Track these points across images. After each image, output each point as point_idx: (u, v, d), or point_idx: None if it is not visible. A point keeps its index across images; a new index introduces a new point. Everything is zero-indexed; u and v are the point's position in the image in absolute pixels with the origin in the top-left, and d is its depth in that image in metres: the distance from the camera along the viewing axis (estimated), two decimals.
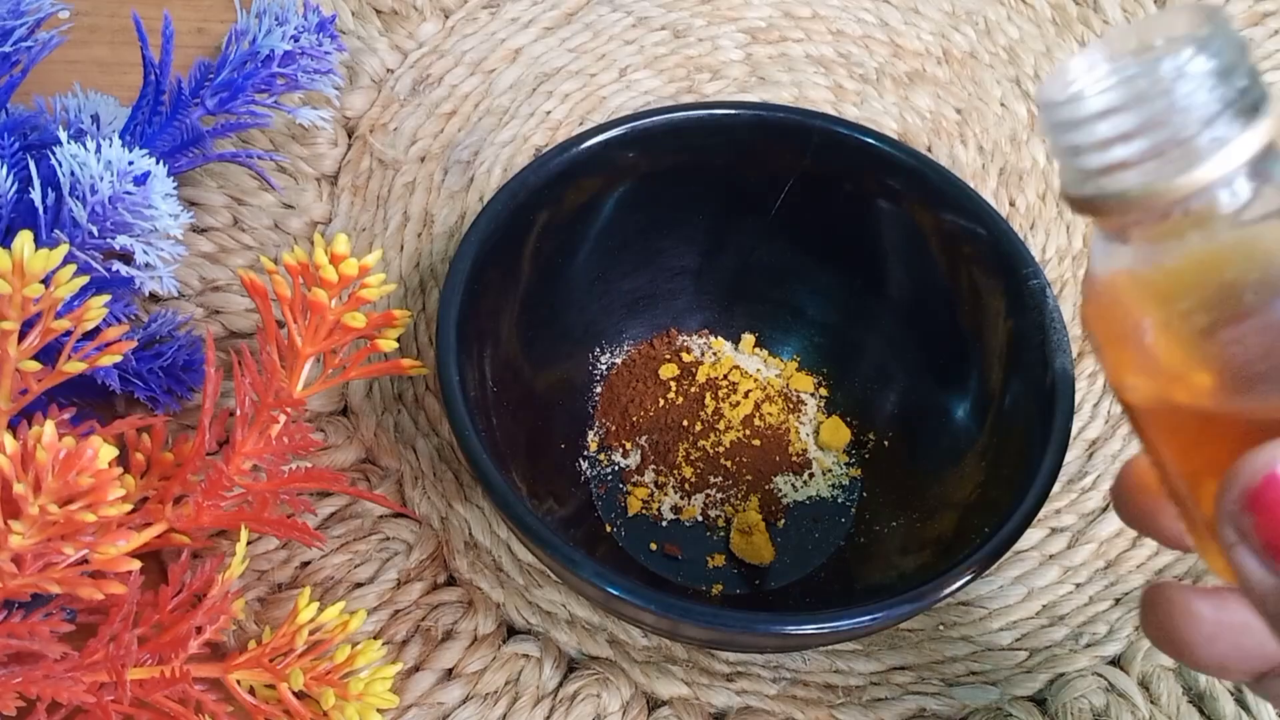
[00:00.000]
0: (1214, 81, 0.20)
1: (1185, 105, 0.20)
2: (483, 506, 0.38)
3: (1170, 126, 0.20)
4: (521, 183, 0.35)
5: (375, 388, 0.40)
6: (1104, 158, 0.21)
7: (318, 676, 0.32)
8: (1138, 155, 0.20)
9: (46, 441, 0.27)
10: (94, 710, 0.30)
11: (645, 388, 0.40)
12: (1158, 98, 0.20)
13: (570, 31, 0.49)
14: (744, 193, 0.38)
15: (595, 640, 0.36)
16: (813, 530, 0.38)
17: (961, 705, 0.35)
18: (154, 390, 0.37)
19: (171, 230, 0.34)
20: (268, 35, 0.38)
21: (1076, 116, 0.21)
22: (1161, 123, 0.20)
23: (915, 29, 0.50)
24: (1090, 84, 0.20)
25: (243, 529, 0.32)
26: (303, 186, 0.44)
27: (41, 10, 0.37)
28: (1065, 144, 0.21)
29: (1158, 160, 0.20)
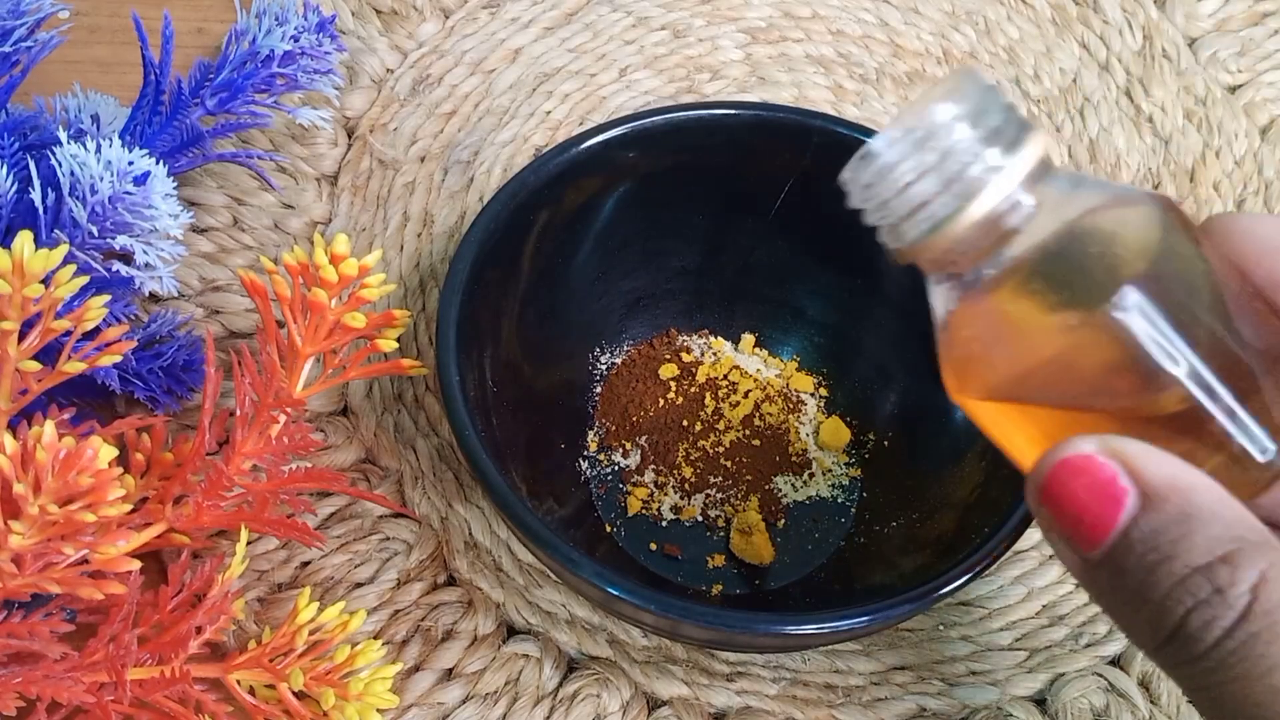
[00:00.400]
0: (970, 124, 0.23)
1: (954, 146, 0.23)
2: (483, 506, 0.38)
3: (948, 164, 0.23)
4: (521, 183, 0.35)
5: (375, 388, 0.40)
6: (905, 202, 0.24)
7: (318, 676, 0.32)
8: (930, 192, 0.24)
9: (46, 441, 0.27)
10: (94, 710, 0.30)
11: (645, 388, 0.40)
12: (933, 143, 0.23)
13: (570, 31, 0.49)
14: (744, 193, 0.38)
15: (595, 640, 0.36)
16: (813, 530, 0.38)
17: (961, 705, 0.35)
18: (154, 390, 0.37)
19: (171, 230, 0.34)
20: (268, 35, 0.38)
21: (877, 174, 0.24)
22: (940, 162, 0.23)
23: (915, 29, 0.50)
24: (883, 148, 0.24)
25: (243, 529, 0.32)
26: (303, 186, 0.44)
27: (41, 10, 0.37)
28: (874, 202, 0.24)
29: (947, 195, 0.23)
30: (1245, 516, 0.22)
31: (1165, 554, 0.22)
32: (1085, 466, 0.23)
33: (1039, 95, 0.48)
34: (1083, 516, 0.23)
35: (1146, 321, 0.23)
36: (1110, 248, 0.24)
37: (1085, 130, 0.48)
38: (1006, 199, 0.23)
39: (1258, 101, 0.48)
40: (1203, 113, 0.48)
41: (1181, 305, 0.23)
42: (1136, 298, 0.22)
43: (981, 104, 0.24)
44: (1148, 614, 0.22)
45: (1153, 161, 0.47)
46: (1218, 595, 0.21)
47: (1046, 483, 0.23)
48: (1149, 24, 0.50)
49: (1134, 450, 0.23)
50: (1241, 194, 0.46)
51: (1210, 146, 0.47)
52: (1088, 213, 0.24)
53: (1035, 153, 0.24)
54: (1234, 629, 0.21)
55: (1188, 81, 0.49)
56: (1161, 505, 0.22)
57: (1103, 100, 0.48)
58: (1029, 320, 0.24)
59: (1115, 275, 0.23)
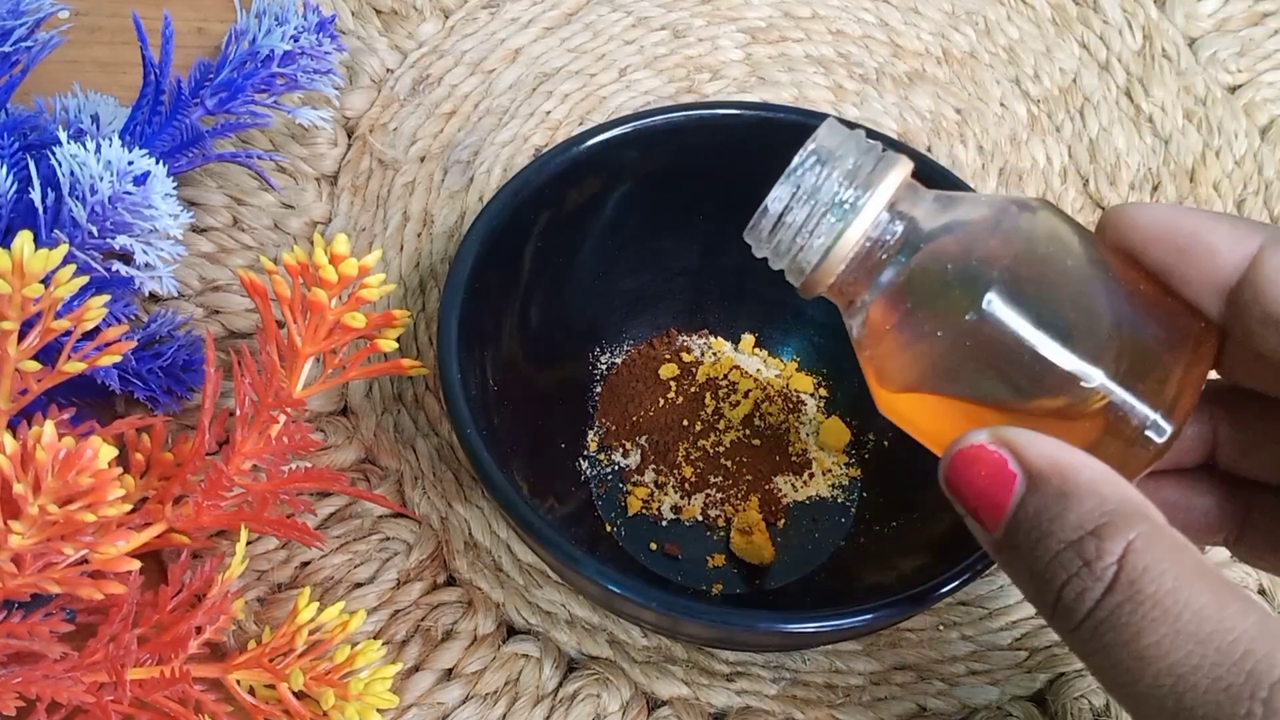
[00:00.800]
0: (830, 168, 0.27)
1: (819, 192, 0.27)
2: (483, 506, 0.38)
3: (815, 209, 0.27)
4: (522, 182, 0.35)
5: (375, 388, 0.40)
6: (789, 246, 0.27)
7: (318, 676, 0.32)
8: (805, 236, 0.27)
9: (46, 441, 0.27)
10: (94, 710, 0.30)
11: (645, 388, 0.40)
12: (800, 192, 0.27)
13: (570, 31, 0.49)
14: (744, 193, 0.38)
15: (595, 640, 0.36)
16: (813, 530, 0.38)
17: (961, 705, 0.35)
18: (154, 390, 0.37)
19: (171, 230, 0.34)
20: (268, 35, 0.38)
21: (767, 220, 0.28)
22: (810, 208, 0.27)
23: (915, 29, 0.50)
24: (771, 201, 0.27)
25: (243, 529, 0.32)
26: (303, 186, 0.44)
27: (41, 10, 0.37)
28: (772, 246, 0.28)
29: (818, 237, 0.27)
30: (1120, 490, 0.23)
31: (1044, 531, 0.23)
32: (978, 455, 0.25)
33: (1039, 95, 0.48)
34: (980, 500, 0.25)
35: (1007, 324, 0.25)
36: (971, 259, 0.26)
37: (1085, 130, 0.48)
38: (872, 230, 0.26)
39: (1258, 101, 0.48)
40: (1203, 113, 0.48)
41: (1049, 301, 0.25)
42: (996, 304, 0.25)
43: (839, 148, 0.27)
44: (1035, 588, 0.24)
45: (1153, 161, 0.47)
46: (1086, 568, 0.22)
47: (949, 472, 0.25)
48: (1149, 24, 0.50)
49: (1019, 437, 0.24)
50: (1241, 194, 0.46)
51: (1210, 146, 0.47)
52: (953, 228, 0.26)
53: (893, 184, 0.26)
54: (1102, 600, 0.22)
55: (1188, 81, 0.49)
56: (1044, 485, 0.24)
57: (1103, 100, 0.48)
58: (913, 334, 0.26)
59: (976, 285, 0.25)
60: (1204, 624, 0.21)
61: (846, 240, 0.26)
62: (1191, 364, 0.26)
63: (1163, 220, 0.26)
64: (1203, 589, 0.22)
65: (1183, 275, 0.26)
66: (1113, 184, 0.46)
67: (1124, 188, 0.46)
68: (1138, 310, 0.26)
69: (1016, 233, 0.26)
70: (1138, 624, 0.22)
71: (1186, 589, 0.22)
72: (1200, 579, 0.22)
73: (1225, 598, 0.21)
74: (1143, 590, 0.22)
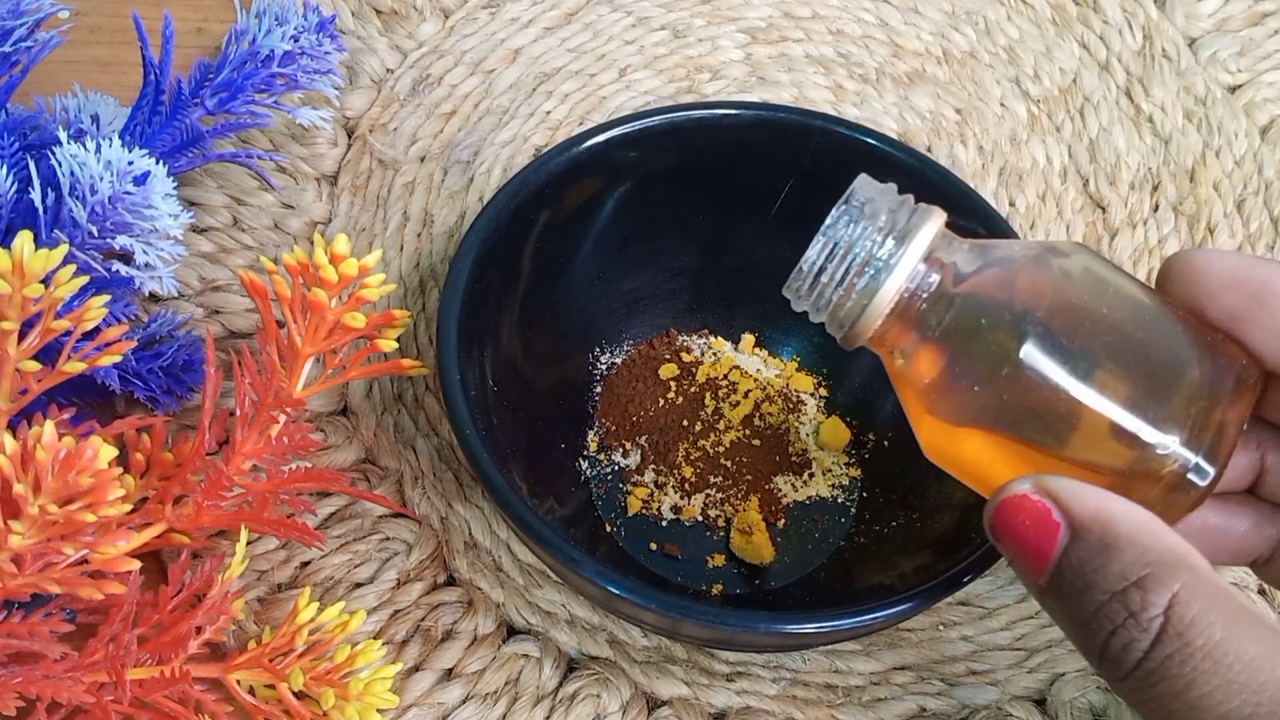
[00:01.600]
0: (865, 224, 0.27)
1: (855, 248, 0.27)
2: (483, 506, 0.38)
3: (854, 255, 0.27)
4: (522, 183, 0.35)
5: (375, 388, 0.40)
6: (829, 301, 0.28)
7: (318, 676, 0.32)
8: (844, 290, 0.27)
9: (46, 441, 0.27)
10: (94, 710, 0.30)
11: (645, 388, 0.40)
12: (838, 239, 0.27)
13: (570, 31, 0.49)
14: (744, 193, 0.38)
15: (595, 640, 0.36)
16: (813, 530, 0.38)
17: (961, 705, 0.35)
18: (154, 390, 0.37)
19: (171, 230, 0.34)
20: (268, 35, 0.38)
21: (805, 277, 0.28)
22: (848, 255, 0.27)
23: (915, 29, 0.50)
24: (807, 258, 0.28)
25: (243, 529, 0.32)
26: (303, 186, 0.44)
27: (41, 10, 0.37)
28: (811, 301, 0.28)
29: (857, 292, 0.27)
30: (1163, 540, 0.23)
31: (1089, 582, 0.24)
32: (1022, 504, 0.25)
33: (1039, 95, 0.48)
34: (1025, 549, 0.25)
35: (1043, 375, 0.25)
36: (1006, 311, 0.26)
37: (1085, 130, 0.48)
38: (909, 283, 0.27)
39: (1258, 101, 0.48)
40: (1203, 113, 0.48)
41: (1084, 350, 0.25)
42: (1031, 355, 0.25)
43: (873, 202, 0.27)
44: (1082, 637, 0.24)
45: (1153, 161, 0.47)
46: (1132, 619, 0.23)
47: (994, 521, 0.26)
48: (1149, 24, 0.50)
49: (1062, 487, 0.25)
50: (1241, 194, 0.46)
51: (1210, 146, 0.47)
52: (988, 278, 0.27)
53: (928, 236, 0.27)
54: (1151, 651, 0.23)
55: (1188, 81, 0.49)
56: (1086, 536, 0.24)
57: (1103, 100, 0.48)
58: (952, 385, 0.27)
59: (1010, 338, 0.26)
60: (1256, 674, 0.22)
61: (884, 294, 0.27)
62: (1232, 404, 0.26)
63: (1234, 268, 0.27)
64: (1251, 638, 0.22)
65: (1254, 321, 0.26)
66: (1113, 184, 0.46)
67: (1124, 188, 0.46)
68: (1177, 352, 0.26)
69: (1050, 280, 0.26)
70: (1189, 675, 0.22)
71: (1235, 639, 0.22)
72: (1247, 627, 0.22)
73: (1274, 645, 0.22)
74: (1191, 642, 0.22)
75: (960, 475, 0.29)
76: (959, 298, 0.27)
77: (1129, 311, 0.26)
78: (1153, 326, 0.26)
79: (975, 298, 0.26)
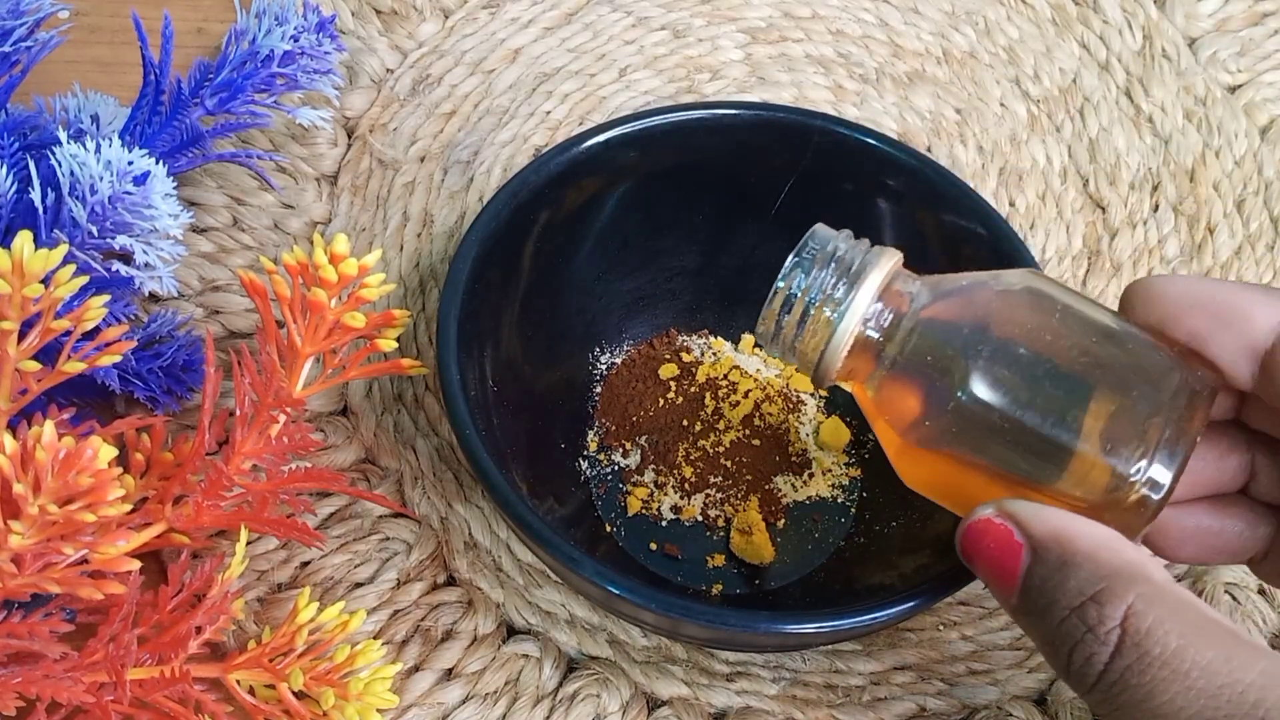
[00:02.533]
0: (818, 267, 0.28)
1: (811, 284, 0.28)
2: (483, 506, 0.38)
3: (811, 299, 0.28)
4: (522, 183, 0.35)
5: (375, 388, 0.40)
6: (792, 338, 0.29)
7: (317, 676, 0.32)
8: (804, 324, 0.29)
9: (46, 441, 0.27)
10: (94, 710, 0.30)
11: (645, 388, 0.40)
12: (794, 286, 0.29)
13: (570, 31, 0.49)
14: (744, 193, 0.38)
15: (595, 640, 0.36)
16: (813, 530, 0.38)
17: (961, 705, 0.35)
18: (154, 390, 0.37)
19: (171, 230, 0.34)
20: (267, 35, 0.38)
21: (767, 327, 0.29)
22: (806, 300, 0.28)
23: (915, 29, 0.50)
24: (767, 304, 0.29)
25: (243, 529, 0.32)
26: (302, 186, 0.44)
27: (41, 10, 0.37)
28: (778, 345, 0.30)
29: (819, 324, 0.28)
30: (1121, 555, 0.24)
31: (1051, 599, 0.25)
32: (987, 528, 0.26)
33: (1039, 95, 0.48)
34: (994, 570, 0.26)
35: (989, 406, 0.26)
36: (949, 346, 0.27)
37: (1085, 130, 0.48)
38: (865, 323, 0.28)
39: (1258, 101, 0.48)
40: (1203, 113, 0.48)
41: (1029, 378, 0.26)
42: (975, 388, 0.26)
43: (826, 248, 0.29)
44: (1049, 652, 0.25)
45: (1153, 161, 0.47)
46: (1090, 634, 0.23)
47: (963, 545, 0.27)
48: (1149, 24, 0.50)
49: (1022, 509, 0.26)
50: (1241, 194, 0.46)
51: (1210, 146, 0.47)
52: (938, 313, 0.28)
53: (880, 275, 0.28)
54: (1111, 662, 0.23)
55: (1188, 81, 0.49)
56: (1046, 555, 0.25)
57: (1103, 100, 0.48)
58: (912, 417, 0.28)
59: (954, 372, 0.27)
60: (1213, 678, 0.22)
61: (841, 334, 0.28)
62: (1189, 416, 0.26)
63: (1196, 290, 0.27)
64: (1208, 644, 0.22)
65: (1218, 341, 0.27)
66: (1113, 184, 0.46)
67: (1124, 188, 0.46)
68: (1130, 369, 0.27)
69: (997, 310, 0.27)
70: (1149, 684, 0.23)
71: (1192, 646, 0.22)
72: (1205, 634, 0.23)
73: (1231, 649, 0.22)
74: (1149, 652, 0.23)
75: (940, 501, 0.30)
76: (913, 332, 0.28)
77: (1078, 335, 0.27)
78: (1103, 347, 0.27)
79: (927, 332, 0.28)
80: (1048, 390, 0.26)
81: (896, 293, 0.29)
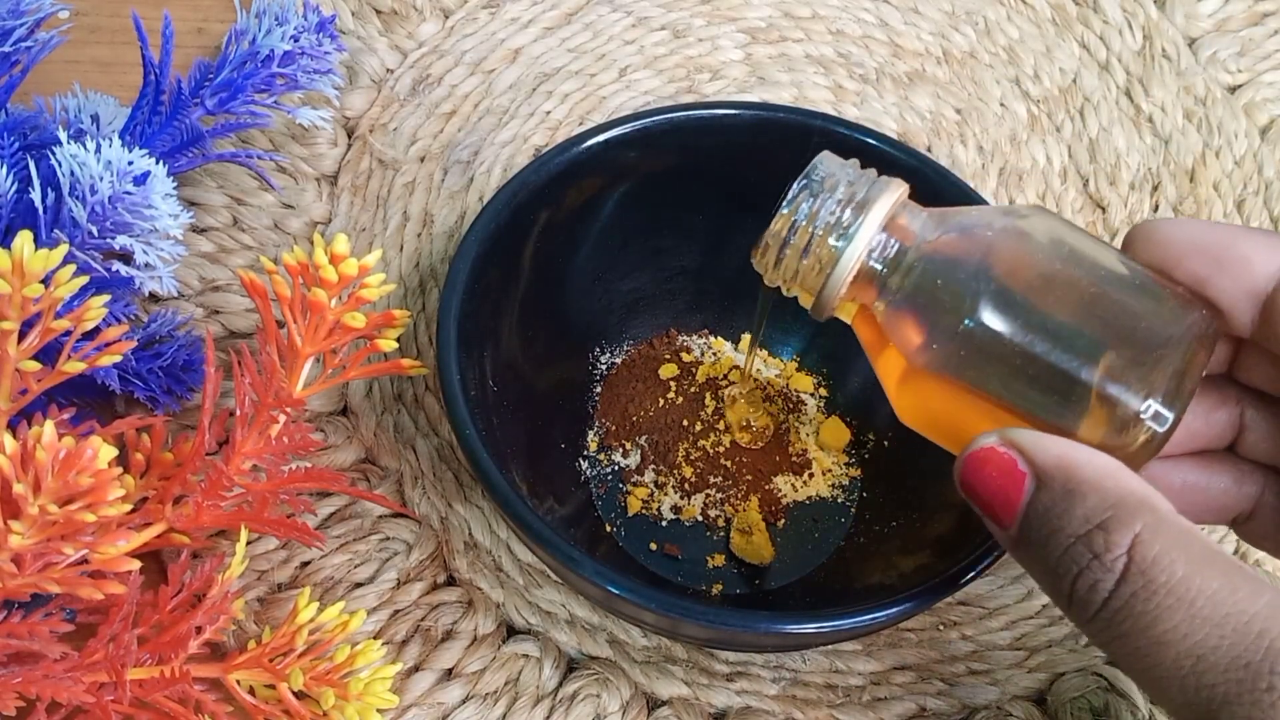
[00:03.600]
0: (822, 193, 0.28)
1: (816, 212, 0.28)
2: (483, 506, 0.38)
3: (815, 227, 0.28)
4: (521, 183, 0.35)
5: (375, 388, 0.40)
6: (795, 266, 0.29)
7: (318, 676, 0.32)
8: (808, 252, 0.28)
9: (46, 441, 0.27)
10: (94, 710, 0.30)
11: (645, 388, 0.40)
12: (799, 213, 0.28)
13: (570, 31, 0.49)
14: (744, 193, 0.38)
15: (595, 640, 0.36)
16: (813, 530, 0.38)
17: (961, 705, 0.35)
18: (154, 390, 0.37)
19: (171, 230, 0.34)
20: (267, 35, 0.38)
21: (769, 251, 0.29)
22: (810, 227, 0.28)
23: (915, 29, 0.50)
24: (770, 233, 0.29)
25: (243, 529, 0.32)
26: (303, 186, 0.44)
27: (41, 10, 0.37)
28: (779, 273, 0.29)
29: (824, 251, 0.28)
30: (1125, 484, 0.24)
31: (1054, 527, 0.24)
32: (989, 456, 0.26)
33: (1039, 95, 0.48)
34: (994, 499, 0.26)
35: (999, 332, 0.26)
36: (961, 272, 0.27)
37: (1085, 130, 0.48)
38: (870, 251, 0.28)
39: (1258, 101, 0.48)
40: (1203, 113, 0.48)
41: (1040, 306, 0.26)
42: (986, 314, 0.26)
43: (832, 176, 0.28)
44: (1051, 581, 0.25)
45: (1153, 161, 0.47)
46: (1096, 561, 0.23)
47: (963, 474, 0.26)
48: (1149, 24, 0.50)
49: (1025, 438, 0.26)
50: (1241, 194, 0.46)
51: (1210, 146, 0.47)
52: (947, 242, 0.28)
53: (886, 205, 0.28)
54: (1116, 590, 0.23)
55: (1188, 81, 0.49)
56: (1050, 483, 0.25)
57: (1103, 100, 0.48)
58: (917, 346, 0.27)
59: (966, 297, 0.26)
60: (1218, 607, 0.22)
61: (845, 262, 0.28)
62: (1192, 353, 0.26)
63: (1198, 234, 0.27)
64: (1214, 574, 0.22)
65: (1219, 285, 0.27)
66: (1113, 184, 0.46)
67: (1124, 188, 0.46)
68: (1136, 304, 0.27)
69: (1008, 241, 0.27)
70: (1154, 611, 0.22)
71: (1198, 575, 0.22)
72: (1210, 564, 0.23)
73: (1236, 580, 0.22)
74: (1155, 580, 0.23)
75: (934, 437, 0.29)
76: (920, 262, 0.27)
77: (1086, 268, 0.27)
78: (1112, 282, 0.27)
79: (935, 261, 0.27)
80: (1057, 320, 0.26)
81: (902, 224, 0.28)
